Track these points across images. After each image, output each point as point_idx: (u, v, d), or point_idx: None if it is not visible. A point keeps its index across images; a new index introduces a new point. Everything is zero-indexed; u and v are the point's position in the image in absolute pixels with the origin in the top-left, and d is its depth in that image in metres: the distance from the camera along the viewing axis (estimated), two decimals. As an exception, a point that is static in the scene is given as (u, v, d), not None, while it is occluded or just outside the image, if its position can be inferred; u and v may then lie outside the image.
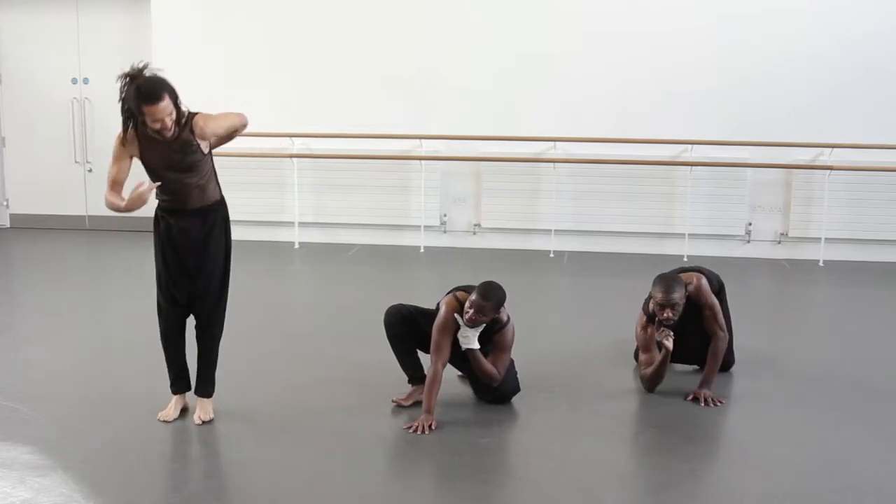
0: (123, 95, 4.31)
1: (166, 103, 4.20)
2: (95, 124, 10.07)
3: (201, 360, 4.70)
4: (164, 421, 4.61)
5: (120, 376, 5.28)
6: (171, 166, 4.37)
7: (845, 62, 8.91)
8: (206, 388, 4.70)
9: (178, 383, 4.73)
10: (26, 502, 3.68)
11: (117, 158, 4.40)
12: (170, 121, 4.24)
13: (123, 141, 4.38)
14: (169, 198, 4.48)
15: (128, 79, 4.31)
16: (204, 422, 4.58)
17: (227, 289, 4.68)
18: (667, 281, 4.87)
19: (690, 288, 4.99)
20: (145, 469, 4.05)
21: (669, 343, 4.83)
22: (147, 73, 4.32)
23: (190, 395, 4.73)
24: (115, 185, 4.43)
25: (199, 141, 4.39)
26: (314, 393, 5.03)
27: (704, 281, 5.09)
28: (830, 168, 8.78)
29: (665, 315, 4.82)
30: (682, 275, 5.12)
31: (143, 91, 4.20)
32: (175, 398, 4.72)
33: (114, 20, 10.00)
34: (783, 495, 3.83)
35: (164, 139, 4.30)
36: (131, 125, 4.35)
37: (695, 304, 5.02)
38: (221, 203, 4.61)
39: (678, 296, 4.81)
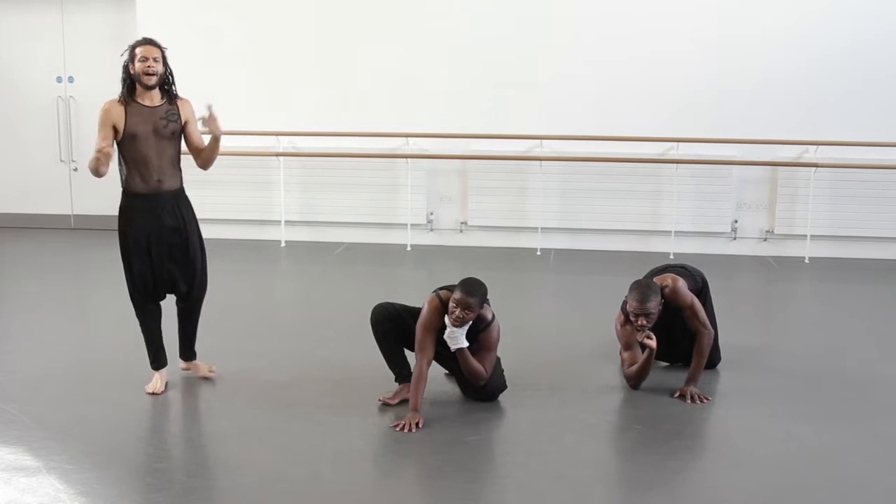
0: (123, 55, 4.86)
1: (158, 51, 4.81)
2: (80, 123, 10.02)
3: (189, 329, 5.19)
4: (154, 393, 4.96)
5: (105, 376, 5.25)
6: (156, 130, 4.80)
7: (830, 60, 8.95)
8: (194, 350, 5.25)
9: (160, 359, 5.08)
10: (12, 502, 3.67)
11: (104, 125, 4.78)
12: (157, 66, 4.78)
13: (109, 107, 4.80)
14: (149, 178, 4.83)
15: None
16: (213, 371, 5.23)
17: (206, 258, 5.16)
18: (641, 289, 4.87)
19: (666, 291, 5.00)
20: (131, 469, 4.03)
21: (653, 343, 4.85)
22: None
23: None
24: (100, 160, 4.71)
25: (180, 113, 4.89)
26: (301, 392, 5.02)
27: (681, 283, 5.10)
28: (816, 165, 8.81)
29: (640, 322, 4.84)
30: (657, 278, 5.14)
31: (146, 38, 4.87)
32: (159, 373, 5.07)
33: (98, 18, 9.95)
34: (770, 491, 3.85)
35: (144, 86, 4.78)
36: (121, 93, 4.82)
37: (673, 305, 5.03)
38: (183, 189, 5.04)
39: (652, 304, 4.82)
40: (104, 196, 10.21)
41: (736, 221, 9.23)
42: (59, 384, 5.14)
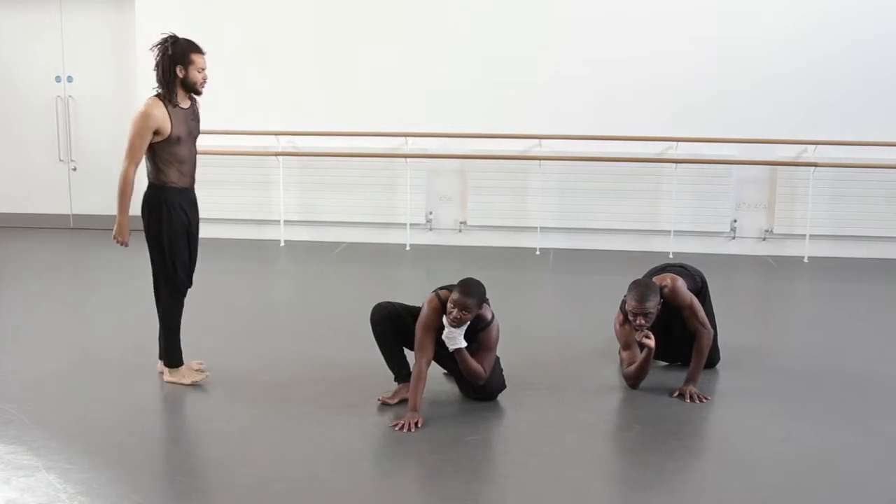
0: (170, 51, 4.77)
1: None
2: (79, 122, 10.02)
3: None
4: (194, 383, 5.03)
5: (104, 375, 5.25)
6: (191, 133, 4.90)
7: (830, 60, 8.95)
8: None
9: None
10: (11, 502, 3.66)
11: (141, 136, 4.72)
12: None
13: (154, 111, 4.71)
14: (186, 173, 4.90)
15: (171, 38, 4.82)
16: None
17: None
18: (640, 288, 4.87)
19: (665, 290, 5.00)
20: (130, 469, 4.03)
21: (651, 342, 4.85)
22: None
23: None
24: (137, 164, 4.78)
25: (199, 114, 5.01)
26: (299, 391, 5.02)
27: (680, 282, 5.10)
28: (815, 165, 8.81)
29: (638, 322, 4.84)
30: (656, 277, 5.14)
31: (195, 43, 4.84)
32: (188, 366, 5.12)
33: (98, 18, 9.94)
34: (769, 491, 3.85)
35: (198, 93, 4.88)
36: (162, 94, 4.78)
37: (672, 305, 5.03)
38: None
39: (651, 304, 4.82)
40: (103, 195, 10.22)
41: (735, 221, 9.24)
42: (59, 384, 5.13)
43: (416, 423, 4.47)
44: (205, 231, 5.16)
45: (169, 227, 4.87)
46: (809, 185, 8.91)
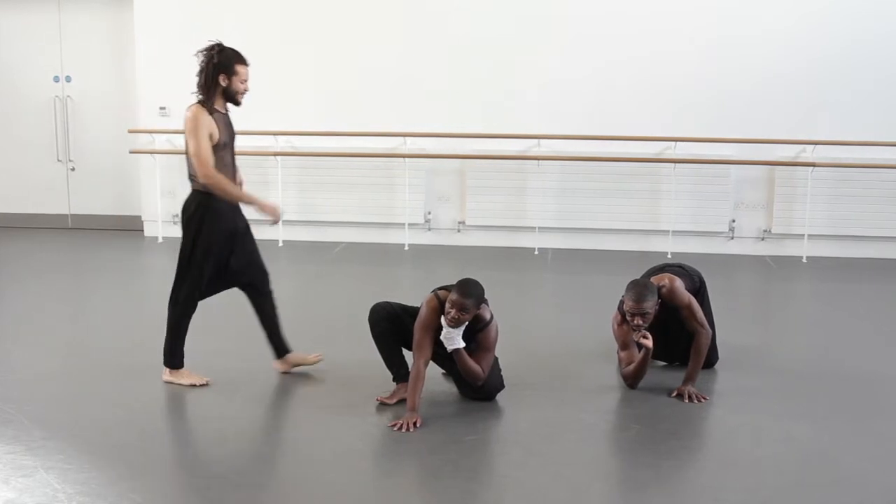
0: (216, 59, 4.82)
1: None
2: (78, 122, 10.02)
3: (272, 320, 5.23)
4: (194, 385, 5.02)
5: (103, 376, 5.25)
6: (231, 138, 4.97)
7: (828, 60, 8.96)
8: (284, 343, 5.26)
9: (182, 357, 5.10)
10: (10, 502, 3.66)
11: (203, 135, 4.75)
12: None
13: (202, 115, 4.77)
14: (230, 178, 4.90)
15: (218, 46, 4.88)
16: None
17: None
18: (638, 288, 4.86)
19: (663, 290, 4.99)
20: (129, 469, 4.02)
21: (649, 342, 4.85)
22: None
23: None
24: (213, 163, 4.78)
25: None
26: (298, 392, 5.02)
27: (678, 282, 5.09)
28: (813, 165, 8.82)
29: (636, 322, 4.83)
30: (654, 277, 5.13)
31: (241, 53, 4.88)
32: (186, 370, 5.08)
33: (96, 17, 9.94)
34: (768, 490, 3.85)
35: (237, 104, 4.95)
36: (204, 101, 4.82)
37: (671, 305, 5.03)
38: None
39: (649, 304, 4.81)
40: (101, 196, 10.24)
41: (734, 221, 9.24)
42: (57, 384, 5.13)
43: (414, 423, 4.47)
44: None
45: (210, 232, 4.89)
46: (808, 185, 8.91)
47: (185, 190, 5.00)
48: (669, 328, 5.12)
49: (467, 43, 9.27)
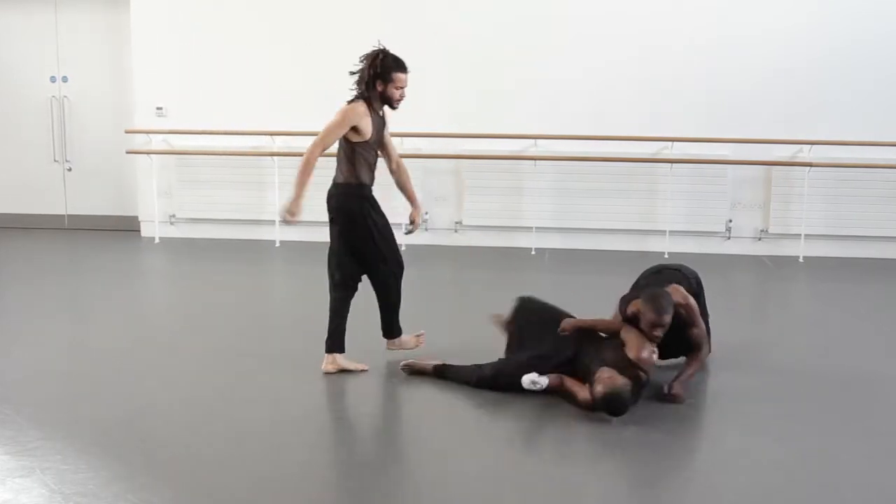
0: (378, 62, 5.12)
1: None
2: (74, 123, 10.00)
3: (389, 304, 5.47)
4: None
5: (100, 376, 5.25)
6: (379, 140, 5.21)
7: (825, 60, 8.97)
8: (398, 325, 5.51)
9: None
10: (7, 503, 3.65)
11: (340, 126, 5.06)
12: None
13: (359, 110, 5.03)
14: (373, 176, 5.26)
15: (382, 52, 5.15)
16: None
17: None
18: (660, 301, 4.80)
19: (682, 312, 4.94)
20: (126, 469, 4.02)
21: (655, 357, 4.83)
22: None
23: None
24: (325, 148, 5.11)
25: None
26: (297, 392, 5.01)
27: (692, 301, 5.06)
28: (810, 165, 8.83)
29: (656, 333, 4.80)
30: (669, 288, 5.06)
31: (401, 61, 5.15)
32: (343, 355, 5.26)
33: (93, 18, 9.93)
34: (764, 490, 3.85)
35: (392, 108, 5.21)
36: (365, 100, 5.07)
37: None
38: None
39: (670, 317, 4.79)
40: (98, 196, 10.22)
41: (731, 221, 9.25)
42: (54, 384, 5.12)
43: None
44: (202, 231, 5.15)
45: (355, 223, 5.26)
46: (805, 185, 8.92)
47: (181, 190, 4.99)
48: (669, 329, 5.10)
49: (464, 42, 9.27)
